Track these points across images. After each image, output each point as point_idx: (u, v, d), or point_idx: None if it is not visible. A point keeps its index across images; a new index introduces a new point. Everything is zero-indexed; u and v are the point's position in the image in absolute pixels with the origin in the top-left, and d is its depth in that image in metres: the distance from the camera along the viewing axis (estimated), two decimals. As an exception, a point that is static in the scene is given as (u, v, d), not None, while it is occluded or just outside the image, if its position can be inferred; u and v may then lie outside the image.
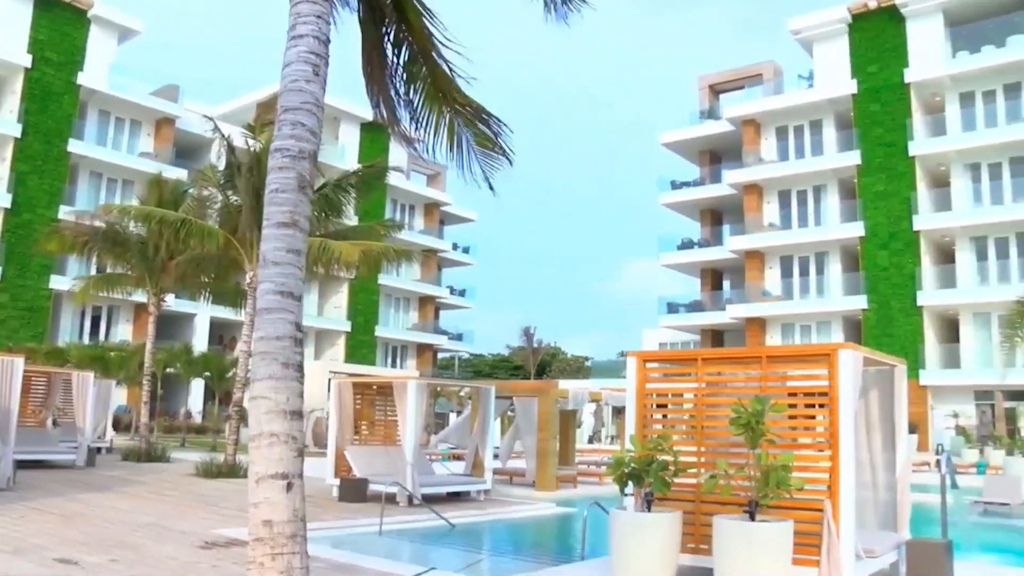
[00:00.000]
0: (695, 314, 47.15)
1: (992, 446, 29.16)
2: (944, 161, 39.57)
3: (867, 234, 39.98)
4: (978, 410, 36.97)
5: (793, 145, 43.95)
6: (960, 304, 38.05)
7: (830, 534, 7.57)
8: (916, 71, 39.82)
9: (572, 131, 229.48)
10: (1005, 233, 37.81)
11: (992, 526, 16.53)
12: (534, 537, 14.63)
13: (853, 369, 7.95)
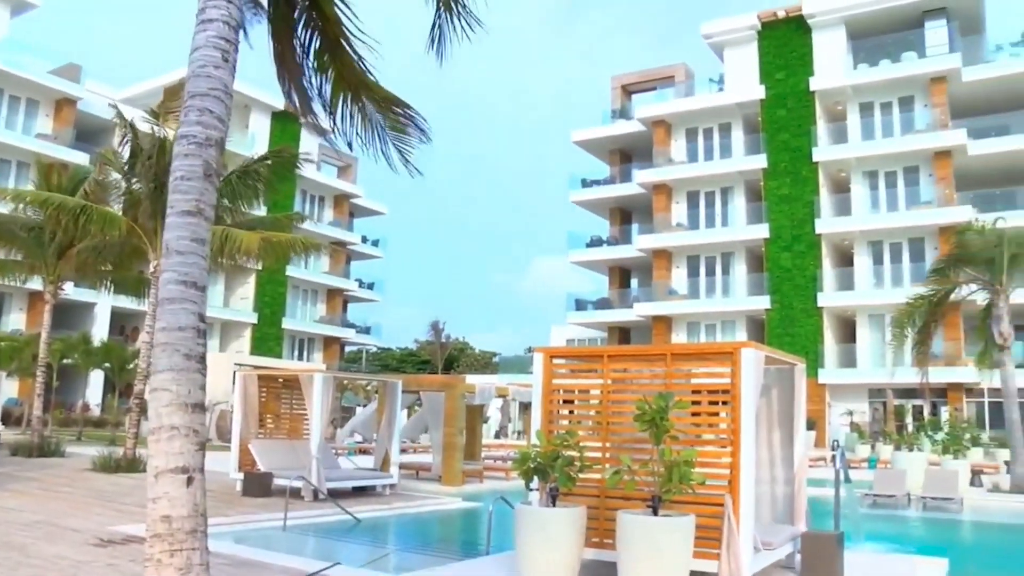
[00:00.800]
0: (603, 311, 47.71)
1: (883, 442, 30.24)
2: (845, 167, 40.90)
3: (771, 236, 41.06)
4: (871, 407, 38.33)
5: (702, 147, 44.85)
6: (857, 306, 39.40)
7: (730, 528, 7.74)
8: (820, 80, 41.06)
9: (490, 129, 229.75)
10: (899, 239, 39.30)
11: (880, 517, 17.18)
12: (440, 532, 14.61)
13: (755, 367, 8.14)
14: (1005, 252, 22.47)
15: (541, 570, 7.65)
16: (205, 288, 5.65)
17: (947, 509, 18.13)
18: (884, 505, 18.49)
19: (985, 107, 39.78)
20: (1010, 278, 22.70)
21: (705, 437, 8.66)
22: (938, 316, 25.02)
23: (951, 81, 39.00)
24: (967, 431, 28.47)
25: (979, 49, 40.48)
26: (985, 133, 39.01)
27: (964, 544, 15.48)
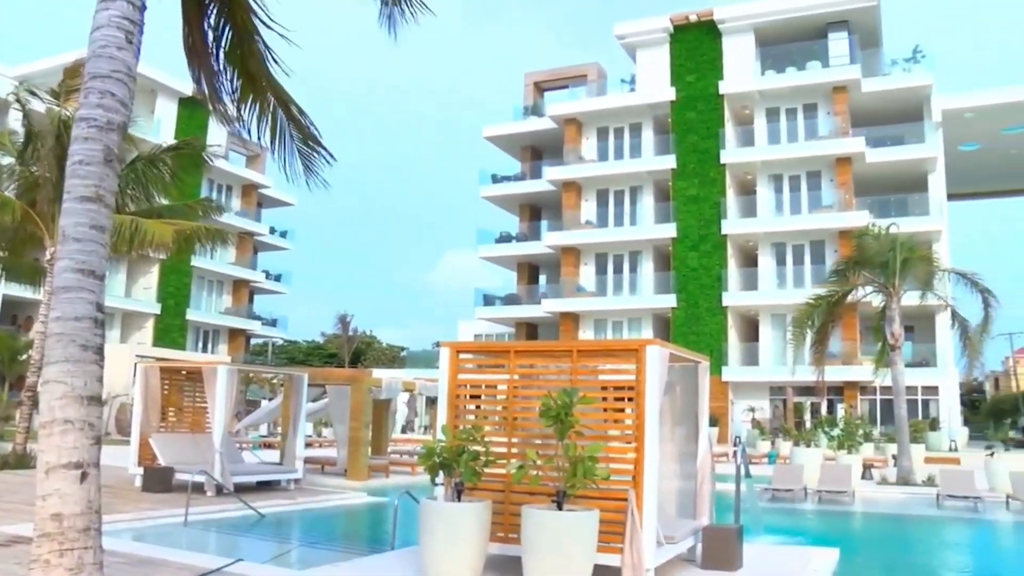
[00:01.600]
0: (511, 307, 47.91)
1: (782, 438, 31.10)
2: (751, 170, 41.91)
3: (679, 236, 41.79)
4: (772, 405, 39.39)
5: (613, 146, 45.37)
6: (760, 305, 40.42)
7: (633, 522, 7.86)
8: (729, 84, 41.97)
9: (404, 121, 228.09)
10: (801, 241, 40.47)
11: (779, 510, 17.69)
12: (345, 527, 14.50)
13: (659, 365, 8.28)
14: (898, 256, 23.38)
15: (446, 565, 7.65)
16: (104, 277, 5.49)
17: (840, 502, 18.78)
18: (782, 499, 19.05)
19: (882, 117, 41.27)
20: (902, 281, 23.62)
21: (610, 433, 8.77)
22: (836, 317, 25.89)
23: (851, 91, 40.36)
24: (860, 427, 29.47)
25: (877, 62, 41.94)
26: (882, 142, 40.51)
27: (854, 534, 16.05)
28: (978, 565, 13.50)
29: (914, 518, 17.80)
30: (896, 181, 41.32)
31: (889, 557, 13.27)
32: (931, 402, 38.23)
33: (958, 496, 18.55)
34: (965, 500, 18.47)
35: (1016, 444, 35.70)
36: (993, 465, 21.43)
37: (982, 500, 18.46)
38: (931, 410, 37.93)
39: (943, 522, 17.24)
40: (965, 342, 23.87)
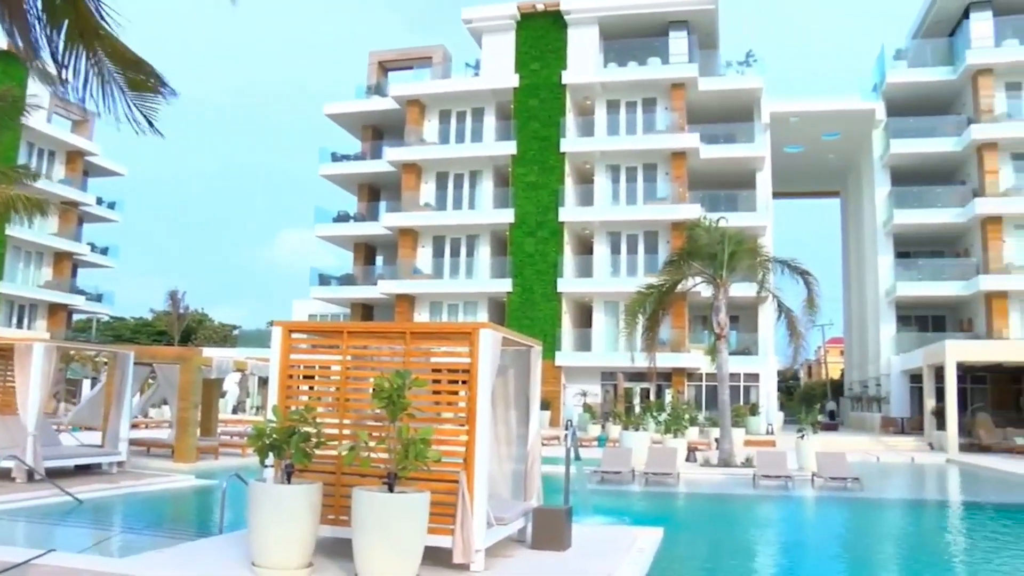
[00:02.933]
0: (347, 288, 47.29)
1: (612, 422, 32.01)
2: (590, 160, 42.78)
3: (516, 221, 42.22)
4: (603, 389, 40.44)
5: (455, 129, 45.35)
6: (594, 292, 41.38)
7: (464, 504, 7.90)
8: (572, 74, 42.66)
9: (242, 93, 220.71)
10: (636, 231, 41.69)
11: (608, 492, 18.21)
12: (171, 511, 14.00)
13: (492, 348, 8.34)
14: (726, 249, 24.41)
15: (274, 548, 7.49)
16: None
17: (666, 483, 19.49)
18: (611, 481, 19.61)
19: (716, 116, 42.95)
20: (729, 273, 24.69)
21: (444, 415, 8.79)
22: (666, 305, 26.80)
23: (689, 88, 41.82)
24: (686, 412, 30.65)
25: (713, 63, 43.57)
26: (715, 139, 42.18)
27: (678, 514, 16.72)
28: (786, 537, 14.38)
29: (733, 497, 18.71)
30: (727, 177, 43.17)
31: (709, 534, 13.90)
32: (752, 388, 40.20)
33: (772, 476, 19.62)
34: (778, 479, 19.55)
35: (824, 427, 37.99)
36: (803, 447, 22.83)
37: (792, 479, 19.61)
38: (752, 396, 39.89)
39: (758, 500, 18.21)
40: (792, 331, 25.07)
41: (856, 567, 11.69)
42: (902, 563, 12.05)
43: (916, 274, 41.33)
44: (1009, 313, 37.85)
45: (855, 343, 51.61)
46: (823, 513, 17.36)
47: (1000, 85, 40.03)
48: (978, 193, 39.06)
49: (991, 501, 20.12)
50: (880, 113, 42.73)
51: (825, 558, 12.22)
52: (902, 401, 40.25)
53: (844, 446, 27.80)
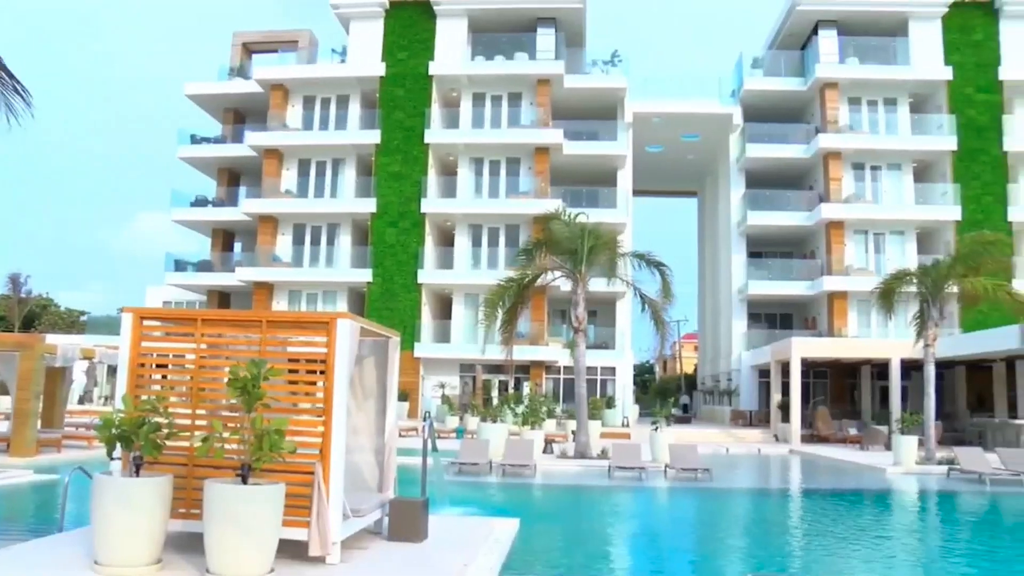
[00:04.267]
0: (204, 274, 45.76)
1: (470, 413, 32.11)
2: (454, 152, 42.76)
3: (378, 211, 41.80)
4: (462, 381, 40.55)
5: (319, 116, 44.49)
6: (455, 284, 41.39)
7: (320, 496, 7.79)
8: (439, 65, 42.51)
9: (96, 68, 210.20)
10: (497, 224, 41.94)
11: (465, 483, 18.29)
12: (5, 510, 13.24)
13: (350, 338, 8.25)
14: (585, 244, 24.84)
15: (119, 544, 7.17)
16: None
17: (523, 475, 19.71)
18: (469, 472, 19.70)
19: (580, 113, 43.64)
20: (588, 267, 25.14)
21: (299, 406, 8.62)
22: (525, 299, 27.03)
23: (554, 85, 42.32)
24: (544, 405, 31.05)
25: (579, 61, 44.23)
26: (578, 136, 42.84)
27: (534, 505, 16.93)
28: (639, 526, 14.78)
29: (588, 488, 19.08)
30: (589, 174, 43.95)
31: (565, 524, 14.13)
32: (609, 382, 41.12)
33: (627, 467, 20.10)
34: (632, 470, 20.05)
35: (677, 420, 39.27)
36: (657, 439, 23.48)
37: (646, 470, 20.15)
38: (608, 389, 40.79)
39: (613, 491, 18.63)
40: (657, 322, 25.64)
41: (703, 553, 12.11)
42: (746, 547, 12.56)
43: (766, 273, 43.15)
44: (848, 312, 40.00)
45: (708, 339, 53.45)
46: (674, 503, 17.92)
47: (844, 99, 42.31)
48: (824, 198, 41.08)
49: (826, 487, 21.39)
50: (737, 118, 44.38)
51: (675, 545, 12.62)
52: (751, 395, 41.96)
53: (696, 438, 28.81)
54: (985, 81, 41.54)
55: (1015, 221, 40.27)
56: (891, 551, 12.24)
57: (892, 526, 15.28)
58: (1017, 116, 41.81)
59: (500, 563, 8.87)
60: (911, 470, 22.35)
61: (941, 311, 25.76)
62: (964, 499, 18.64)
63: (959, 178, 40.75)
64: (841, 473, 23.78)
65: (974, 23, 42.20)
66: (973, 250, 25.85)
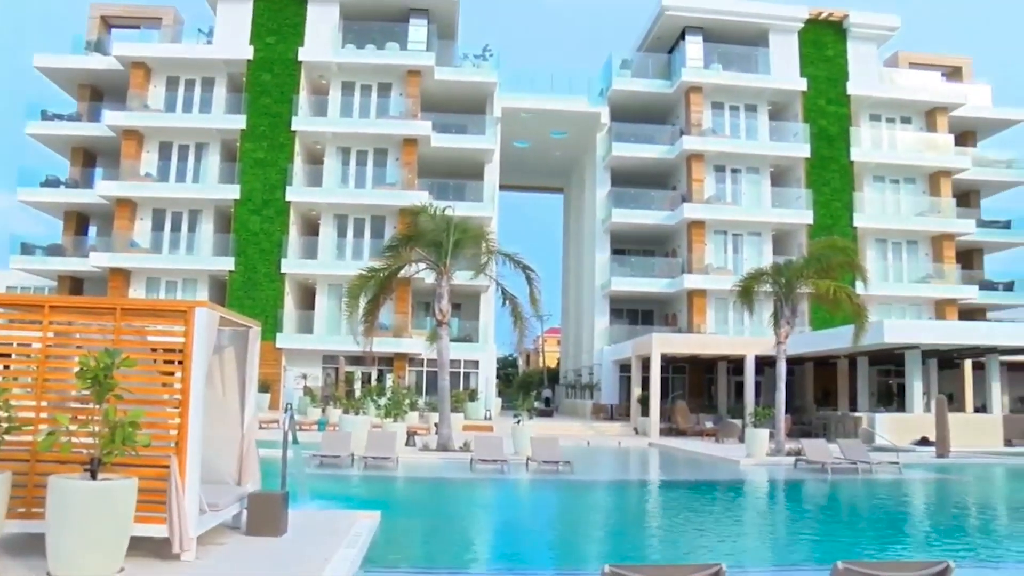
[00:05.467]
0: (54, 259, 43.48)
1: (333, 405, 31.80)
2: (321, 140, 42.11)
3: (242, 198, 40.75)
4: (324, 373, 40.05)
5: (182, 97, 42.96)
6: (319, 275, 40.79)
7: (175, 491, 7.61)
8: (309, 52, 41.73)
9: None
10: (363, 215, 41.58)
11: (327, 476, 18.14)
12: None
13: (208, 328, 8.09)
14: (451, 237, 24.94)
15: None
16: None
17: (385, 467, 19.70)
18: (331, 465, 19.54)
19: (449, 106, 43.62)
20: (453, 260, 25.25)
21: (155, 397, 8.38)
22: (389, 290, 26.93)
23: (425, 76, 42.20)
24: (407, 397, 31.01)
25: (451, 54, 44.22)
26: (447, 129, 42.83)
27: (396, 497, 16.94)
28: (499, 518, 15.02)
29: (450, 481, 19.20)
30: (456, 167, 44.02)
31: (426, 517, 14.19)
32: (472, 375, 41.34)
33: (488, 460, 20.29)
34: (494, 463, 20.25)
35: (539, 413, 39.81)
36: (519, 432, 23.82)
37: (508, 462, 20.40)
38: (471, 382, 41.02)
39: (475, 483, 18.81)
40: (516, 317, 25.97)
41: (563, 544, 12.38)
42: (606, 538, 12.91)
43: (629, 270, 44.19)
44: (707, 309, 41.46)
45: (571, 333, 54.38)
46: (536, 495, 18.22)
47: (708, 103, 43.81)
48: (686, 199, 42.38)
49: (683, 479, 22.17)
50: (605, 117, 45.24)
51: (535, 537, 12.84)
52: (612, 389, 42.92)
53: (558, 431, 29.30)
54: (835, 94, 43.97)
55: (859, 227, 42.76)
56: (741, 537, 12.85)
57: (743, 514, 16.01)
58: (863, 129, 44.46)
59: (361, 556, 8.87)
60: (762, 461, 23.35)
61: (794, 310, 26.97)
62: (808, 487, 19.67)
63: (812, 184, 42.85)
64: (697, 465, 24.63)
65: (826, 39, 44.57)
66: (823, 253, 27.23)
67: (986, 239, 47.91)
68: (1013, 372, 40.16)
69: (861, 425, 29.91)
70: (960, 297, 43.66)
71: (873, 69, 45.34)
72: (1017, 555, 11.79)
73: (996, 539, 13.40)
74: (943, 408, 26.35)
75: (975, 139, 50.10)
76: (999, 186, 49.97)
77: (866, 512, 16.46)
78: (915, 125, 45.75)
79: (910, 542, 12.78)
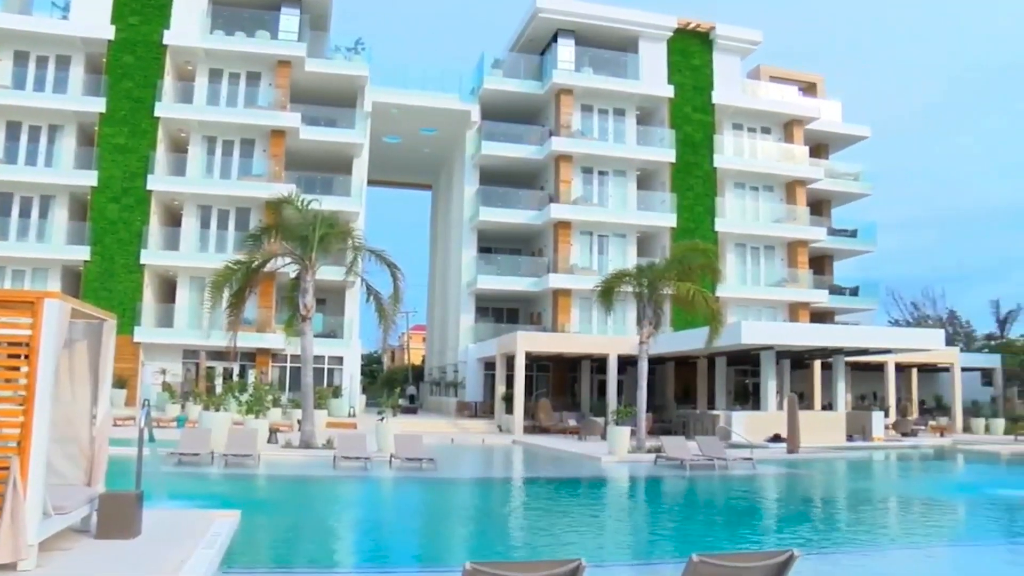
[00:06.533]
0: None
1: (193, 402, 30.92)
2: (186, 128, 40.79)
3: (100, 185, 39.01)
4: (184, 368, 38.82)
5: (34, 75, 40.59)
6: (180, 267, 39.50)
7: (16, 493, 7.26)
8: (175, 36, 40.23)
9: None
10: (228, 206, 40.52)
11: (185, 475, 17.65)
12: None
13: (58, 320, 7.75)
14: (317, 231, 24.66)
15: None
16: None
17: (246, 465, 19.30)
18: (189, 463, 19.03)
19: (319, 98, 42.97)
20: (319, 255, 24.99)
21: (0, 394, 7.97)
22: (254, 284, 26.42)
23: (295, 67, 41.44)
24: (269, 393, 30.49)
25: (322, 45, 43.57)
26: (316, 122, 42.20)
27: (257, 496, 16.63)
28: (361, 516, 14.96)
29: (312, 478, 19.01)
30: (325, 160, 43.42)
31: (286, 515, 13.97)
32: (336, 371, 40.86)
33: (352, 457, 20.17)
34: (358, 460, 20.14)
35: (404, 410, 39.75)
36: (382, 429, 23.73)
37: (371, 460, 20.33)
38: (336, 378, 40.53)
39: (337, 481, 18.68)
40: (381, 313, 25.86)
41: (426, 542, 12.42)
42: (469, 534, 13.00)
43: (496, 269, 44.48)
44: (571, 309, 42.17)
45: (436, 331, 54.37)
46: (399, 492, 18.21)
47: (577, 105, 44.56)
48: (553, 199, 42.98)
49: (546, 476, 22.55)
50: (475, 115, 45.38)
51: (397, 535, 12.84)
52: (476, 386, 43.14)
53: (422, 428, 29.33)
54: (700, 102, 45.49)
55: (720, 231, 44.39)
56: (602, 532, 13.18)
57: (604, 510, 16.44)
58: (725, 137, 46.11)
59: (219, 557, 8.69)
60: (624, 458, 23.93)
61: (656, 311, 27.75)
62: (667, 483, 20.29)
63: (676, 188, 44.16)
64: (560, 462, 25.05)
65: (693, 49, 46.05)
66: (684, 256, 28.15)
67: (835, 246, 50.82)
68: (856, 372, 42.64)
69: (719, 423, 31.02)
70: (812, 301, 45.90)
71: (736, 80, 47.14)
72: (857, 542, 12.50)
73: (838, 528, 14.28)
74: (794, 406, 27.61)
75: (827, 152, 52.92)
76: (847, 197, 53.11)
77: (721, 506, 17.13)
78: (774, 136, 47.78)
79: (761, 533, 13.39)
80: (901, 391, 42.75)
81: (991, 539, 13.51)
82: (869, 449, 30.38)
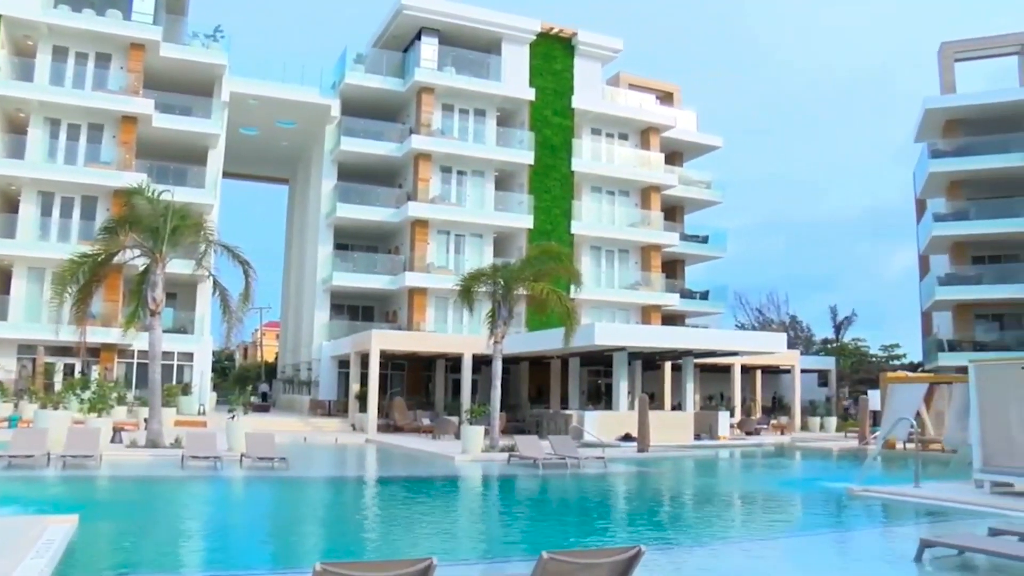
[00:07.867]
0: None
1: (28, 400, 29.38)
2: (25, 108, 38.56)
3: (-71, 166, 36.58)
4: (20, 364, 36.78)
5: None
6: (17, 256, 37.35)
7: None
8: (12, 6, 37.65)
9: None
10: (73, 193, 38.57)
11: (16, 478, 16.83)
12: None
13: None
14: (168, 223, 23.90)
15: None
16: None
17: (87, 466, 18.54)
18: (21, 466, 18.13)
19: (175, 85, 41.37)
20: (170, 247, 24.22)
21: None
22: (101, 276, 25.38)
23: (149, 51, 39.77)
24: (114, 390, 29.33)
25: (179, 30, 41.97)
26: (170, 109, 40.64)
27: (97, 499, 16.00)
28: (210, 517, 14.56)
29: (159, 479, 18.41)
30: (179, 150, 41.88)
31: (129, 518, 13.47)
32: (186, 367, 39.54)
33: (201, 456, 19.63)
34: (207, 460, 19.61)
35: (256, 408, 38.93)
36: (233, 427, 23.20)
37: (221, 459, 19.84)
38: (185, 375, 39.23)
39: (185, 481, 18.15)
40: (225, 310, 25.27)
41: (277, 542, 12.20)
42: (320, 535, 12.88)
43: (352, 266, 43.99)
44: (427, 307, 42.17)
45: (290, 328, 53.35)
46: (249, 492, 17.85)
47: (439, 104, 44.56)
48: (411, 197, 42.85)
49: (399, 475, 22.56)
50: (335, 110, 44.70)
51: (247, 536, 12.58)
52: (330, 385, 42.57)
53: (275, 427, 28.80)
54: (560, 106, 46.23)
55: (577, 233, 45.26)
56: (454, 531, 13.31)
57: (457, 509, 16.56)
58: (584, 141, 47.07)
59: (52, 566, 8.28)
60: (477, 457, 24.10)
61: (511, 311, 28.07)
62: (520, 482, 20.57)
63: (534, 190, 44.74)
64: (414, 461, 25.06)
65: (555, 54, 46.75)
66: (539, 257, 28.61)
67: (687, 251, 52.68)
68: (705, 373, 44.30)
69: (571, 422, 31.62)
70: (664, 304, 47.38)
71: (596, 86, 48.15)
72: (702, 538, 13.02)
73: (685, 524, 14.89)
74: (645, 406, 28.42)
75: (682, 159, 54.74)
76: (699, 204, 55.16)
77: (573, 504, 17.49)
78: (631, 142, 49.04)
79: (611, 530, 13.77)
80: (746, 392, 44.60)
81: (820, 529, 14.41)
82: (715, 448, 31.59)
